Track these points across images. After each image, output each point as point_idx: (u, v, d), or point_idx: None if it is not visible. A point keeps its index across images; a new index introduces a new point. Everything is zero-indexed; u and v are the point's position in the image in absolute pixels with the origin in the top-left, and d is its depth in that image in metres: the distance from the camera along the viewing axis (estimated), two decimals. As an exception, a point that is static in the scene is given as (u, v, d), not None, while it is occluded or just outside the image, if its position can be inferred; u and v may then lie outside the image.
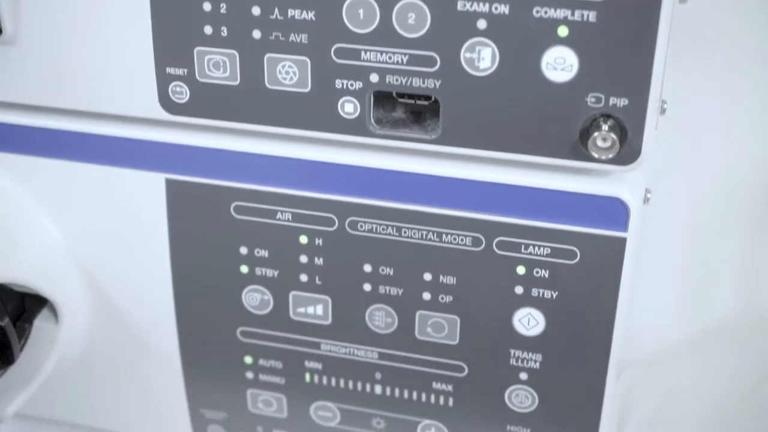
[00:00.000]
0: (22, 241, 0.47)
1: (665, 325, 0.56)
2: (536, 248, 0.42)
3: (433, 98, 0.40)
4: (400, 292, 0.45)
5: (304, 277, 0.46)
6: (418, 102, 0.40)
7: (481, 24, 0.38)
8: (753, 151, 0.51)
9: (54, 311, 0.49)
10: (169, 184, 0.45)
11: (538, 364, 0.45)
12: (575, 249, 0.42)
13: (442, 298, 0.44)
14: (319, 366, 0.48)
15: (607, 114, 0.38)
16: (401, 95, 0.40)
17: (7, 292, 0.48)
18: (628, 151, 0.38)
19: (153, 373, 0.51)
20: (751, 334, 0.55)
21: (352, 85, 0.40)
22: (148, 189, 0.45)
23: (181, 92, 0.42)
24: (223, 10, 0.40)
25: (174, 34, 0.41)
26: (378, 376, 0.47)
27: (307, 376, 0.49)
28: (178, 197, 0.45)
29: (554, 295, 0.43)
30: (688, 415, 0.54)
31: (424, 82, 0.39)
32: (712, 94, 0.50)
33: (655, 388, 0.54)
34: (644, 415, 0.53)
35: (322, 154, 0.43)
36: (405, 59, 0.39)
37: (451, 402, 0.47)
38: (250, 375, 0.49)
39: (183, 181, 0.44)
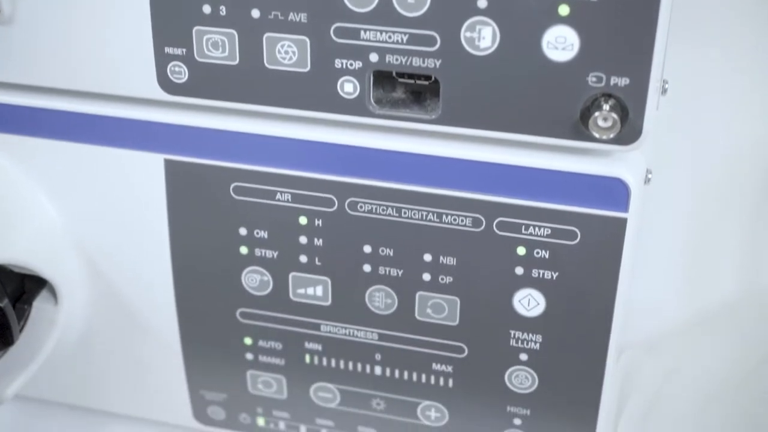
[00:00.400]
0: (20, 222, 0.47)
1: (665, 306, 0.56)
2: (536, 229, 0.42)
3: (433, 78, 0.39)
4: (400, 273, 0.45)
5: (303, 258, 0.46)
6: (418, 82, 0.40)
7: (482, 3, 0.37)
8: (754, 132, 0.51)
9: (53, 292, 0.49)
10: (168, 164, 0.44)
11: (538, 345, 0.45)
12: (576, 230, 0.42)
13: (442, 279, 0.44)
14: (318, 347, 0.48)
15: (608, 93, 0.38)
16: (401, 75, 0.40)
17: (7, 273, 0.48)
18: (629, 130, 0.38)
19: (153, 354, 0.51)
20: (751, 315, 0.55)
21: (351, 64, 0.40)
22: (147, 169, 0.45)
23: (179, 72, 0.42)
24: (221, -11, 0.40)
25: (172, 14, 0.41)
26: (378, 357, 0.47)
27: (307, 357, 0.49)
28: (177, 178, 0.45)
29: (554, 276, 0.43)
30: (688, 396, 0.54)
31: (424, 62, 0.39)
32: (713, 75, 0.50)
33: (655, 369, 0.54)
34: (644, 396, 0.53)
35: (322, 134, 0.42)
36: (405, 39, 0.39)
37: (451, 383, 0.47)
38: (249, 356, 0.49)
39: (182, 161, 0.44)
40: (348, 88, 0.40)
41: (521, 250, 0.43)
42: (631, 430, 0.51)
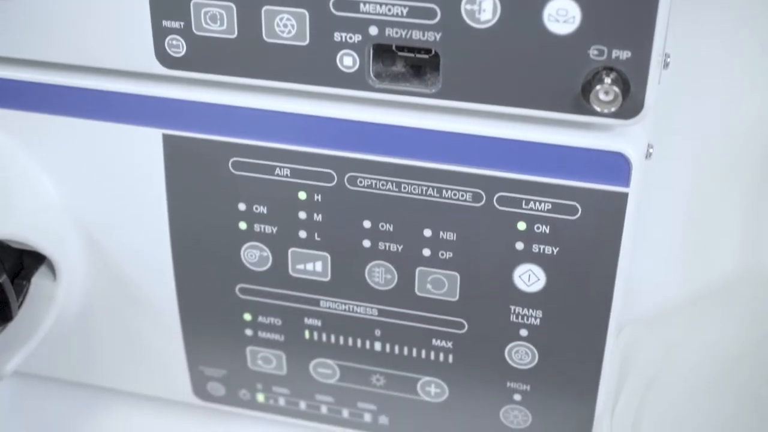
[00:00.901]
0: (18, 198, 0.46)
1: (666, 282, 0.56)
2: (537, 204, 0.42)
3: (433, 51, 0.39)
4: (400, 248, 0.44)
5: (303, 234, 0.45)
6: (418, 55, 0.40)
7: (482, -25, 0.37)
8: (755, 108, 0.51)
9: (52, 268, 0.49)
10: (167, 139, 0.44)
11: (538, 320, 0.45)
12: (576, 204, 0.41)
13: (442, 254, 0.44)
14: (318, 323, 0.48)
15: (610, 67, 0.37)
16: (401, 48, 0.40)
17: (5, 248, 0.48)
18: (630, 104, 0.38)
19: (152, 330, 0.51)
20: (751, 291, 0.55)
21: (351, 38, 0.39)
22: (145, 144, 0.45)
23: (177, 46, 0.41)
24: (219, -38, 0.39)
25: (170, -13, 0.40)
26: (377, 332, 0.47)
27: (307, 333, 0.48)
28: (175, 153, 0.44)
29: (555, 251, 0.43)
30: (688, 372, 0.54)
31: (423, 35, 0.39)
32: (714, 50, 0.50)
33: (655, 345, 0.54)
34: (644, 372, 0.53)
35: (321, 108, 0.42)
36: (404, 11, 0.38)
37: (450, 359, 0.47)
38: (249, 332, 0.49)
39: (180, 136, 0.44)
40: (347, 61, 0.40)
41: (521, 225, 0.42)
42: (631, 406, 0.51)
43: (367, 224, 0.44)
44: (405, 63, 0.40)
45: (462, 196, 0.42)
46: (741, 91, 0.51)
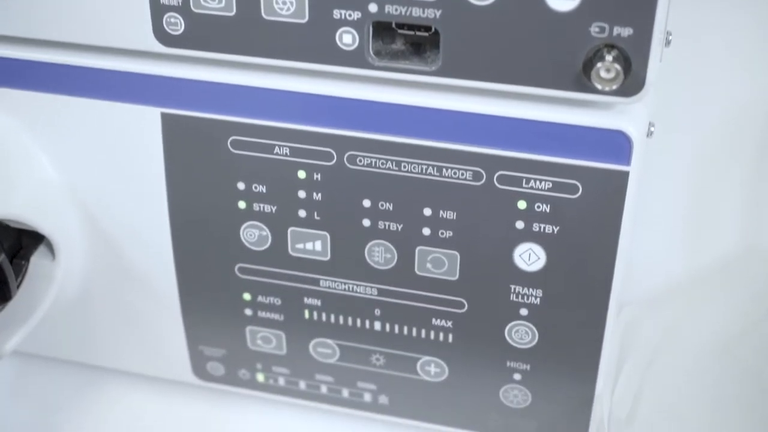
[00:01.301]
0: (17, 177, 0.46)
1: (667, 262, 0.56)
2: (537, 182, 0.42)
3: (433, 29, 0.39)
4: (400, 227, 0.44)
5: (302, 213, 0.45)
6: (418, 33, 0.40)
7: (483, -49, 0.37)
8: (757, 86, 0.51)
9: (51, 248, 0.49)
10: (165, 118, 0.44)
11: (538, 299, 0.45)
12: (577, 183, 0.41)
13: (442, 234, 0.44)
14: (318, 302, 0.48)
15: (611, 44, 0.37)
16: (401, 26, 0.39)
17: (4, 228, 0.47)
18: (632, 82, 0.37)
19: (151, 309, 0.51)
20: (752, 270, 0.55)
21: (350, 15, 0.39)
22: (144, 123, 0.44)
23: (175, 24, 0.41)
24: (218, -62, 0.39)
25: (168, -36, 0.40)
26: (377, 312, 0.47)
27: (306, 313, 0.48)
28: (174, 131, 0.44)
29: (555, 230, 0.42)
30: (688, 352, 0.54)
31: (423, 12, 0.38)
32: (716, 27, 0.49)
33: (655, 324, 0.54)
34: (644, 351, 0.53)
35: (320, 86, 0.42)
36: (404, -12, 0.38)
37: (450, 338, 0.47)
38: (248, 312, 0.49)
39: (179, 115, 0.44)
40: (347, 39, 0.40)
41: (522, 204, 0.42)
42: (631, 385, 0.51)
43: (366, 203, 0.44)
44: (405, 41, 0.40)
45: (462, 174, 0.42)
46: (742, 70, 0.50)
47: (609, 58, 0.37)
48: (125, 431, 0.54)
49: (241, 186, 0.45)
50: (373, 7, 0.39)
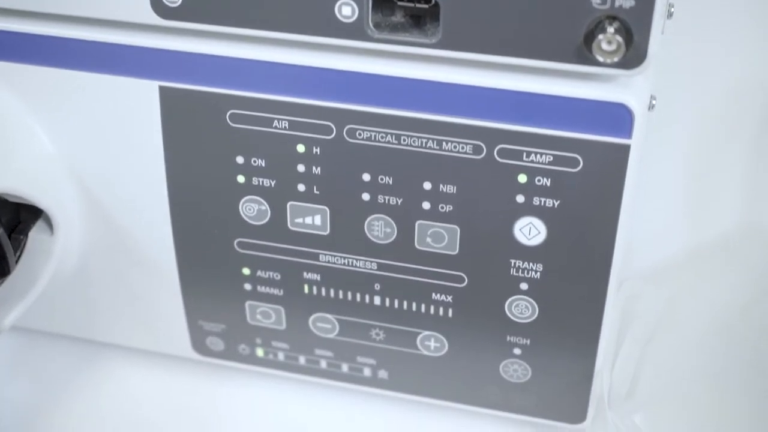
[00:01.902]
0: (15, 151, 0.46)
1: (667, 237, 0.55)
2: (538, 156, 0.41)
3: (433, 1, 0.38)
4: (400, 201, 0.44)
5: (301, 187, 0.45)
6: (418, 5, 0.39)
7: None
8: (759, 61, 0.50)
9: (49, 223, 0.48)
10: (163, 91, 0.44)
11: (538, 274, 0.44)
12: (578, 156, 0.41)
13: (442, 208, 0.44)
14: (317, 277, 0.48)
15: (613, 16, 0.37)
16: (400, -2, 0.39)
17: (2, 203, 0.47)
18: (633, 54, 0.37)
19: (150, 284, 0.50)
20: (751, 246, 0.55)
21: (349, -14, 0.39)
22: (142, 97, 0.44)
23: (173, -5, 0.41)
24: None
25: (165, -65, 0.40)
26: (377, 287, 0.47)
27: (306, 288, 0.48)
28: (172, 105, 0.44)
29: (556, 204, 0.42)
30: (688, 327, 0.54)
31: (423, -16, 0.38)
32: (718, 2, 0.49)
33: (656, 299, 0.54)
34: (644, 326, 0.53)
35: (319, 59, 0.42)
36: (404, -41, 0.38)
37: (450, 313, 0.47)
38: (248, 286, 0.49)
39: (177, 88, 0.43)
40: (346, 11, 0.39)
41: (522, 178, 0.42)
42: (631, 360, 0.51)
43: (366, 177, 0.44)
44: (404, 13, 0.40)
45: (462, 148, 0.42)
46: (744, 44, 0.50)
47: (610, 29, 0.36)
48: (125, 406, 0.54)
49: (239, 160, 0.45)
50: (372, -21, 0.38)
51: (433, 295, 0.47)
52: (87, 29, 0.43)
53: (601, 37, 0.37)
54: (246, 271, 0.48)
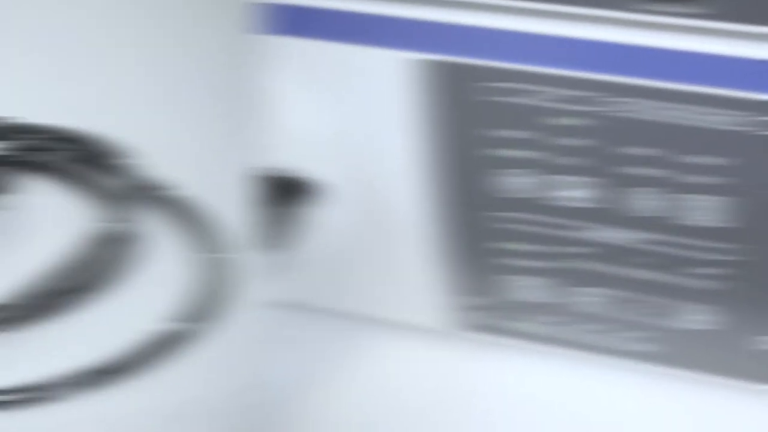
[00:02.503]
0: (290, 128, 0.48)
1: None
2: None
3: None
4: (666, 174, 0.43)
5: (564, 160, 0.44)
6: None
7: None
8: None
9: (316, 196, 0.50)
10: (424, 64, 0.44)
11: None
12: None
13: (712, 181, 0.42)
14: (581, 251, 0.47)
15: None
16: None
17: (276, 178, 0.49)
18: None
19: (410, 258, 0.51)
20: None
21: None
22: (403, 69, 0.44)
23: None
24: None
25: None
26: (644, 260, 0.46)
27: (569, 261, 0.48)
28: (433, 78, 0.44)
29: None
30: None
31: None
32: None
33: None
34: None
35: (585, 30, 0.41)
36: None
37: (722, 287, 0.45)
38: (510, 260, 0.49)
39: (438, 61, 0.44)
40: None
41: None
42: None
43: (632, 150, 0.43)
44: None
45: (733, 121, 0.40)
46: None
47: None
48: (386, 380, 0.55)
49: (502, 133, 0.45)
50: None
51: (703, 270, 0.45)
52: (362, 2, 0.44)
53: None
54: (508, 245, 0.48)
